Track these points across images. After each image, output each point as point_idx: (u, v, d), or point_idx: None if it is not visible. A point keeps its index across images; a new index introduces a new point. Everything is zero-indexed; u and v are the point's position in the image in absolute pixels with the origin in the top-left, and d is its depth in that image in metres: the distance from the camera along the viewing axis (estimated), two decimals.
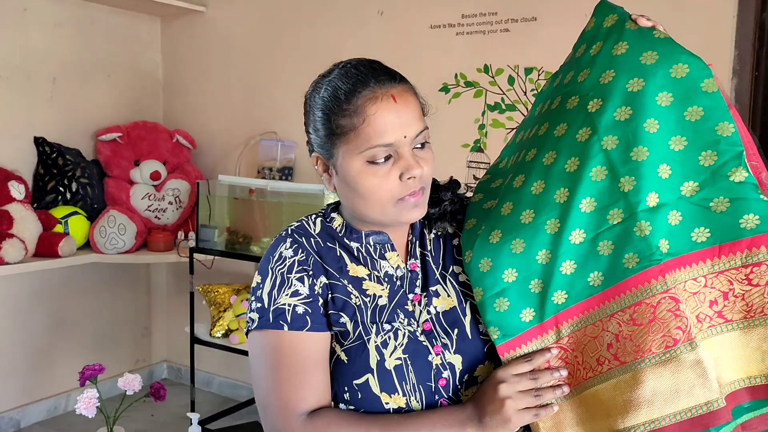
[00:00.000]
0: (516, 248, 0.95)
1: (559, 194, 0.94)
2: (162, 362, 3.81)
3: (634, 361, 0.88)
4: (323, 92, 0.98)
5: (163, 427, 3.16)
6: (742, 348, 0.90)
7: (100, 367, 2.02)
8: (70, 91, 3.25)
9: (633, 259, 0.89)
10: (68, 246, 2.90)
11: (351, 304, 0.98)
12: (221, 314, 2.93)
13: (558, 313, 0.93)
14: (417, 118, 0.96)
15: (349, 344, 0.97)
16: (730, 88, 2.27)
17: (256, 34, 3.34)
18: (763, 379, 0.90)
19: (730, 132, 0.89)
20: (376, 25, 2.96)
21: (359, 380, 0.95)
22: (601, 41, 0.98)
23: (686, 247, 0.90)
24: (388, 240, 1.03)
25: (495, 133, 2.72)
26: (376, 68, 0.96)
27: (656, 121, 0.91)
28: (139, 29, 3.55)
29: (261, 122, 3.33)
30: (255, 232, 3.01)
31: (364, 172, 0.94)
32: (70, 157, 3.10)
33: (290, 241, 1.01)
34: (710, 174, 0.90)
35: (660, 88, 0.91)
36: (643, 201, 0.90)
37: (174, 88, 3.66)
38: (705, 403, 0.86)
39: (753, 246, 0.87)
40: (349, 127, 0.93)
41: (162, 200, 3.30)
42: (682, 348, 0.86)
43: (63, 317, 3.30)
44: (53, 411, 3.27)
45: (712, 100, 0.90)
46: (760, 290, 0.88)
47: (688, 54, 0.92)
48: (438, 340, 0.98)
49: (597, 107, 0.94)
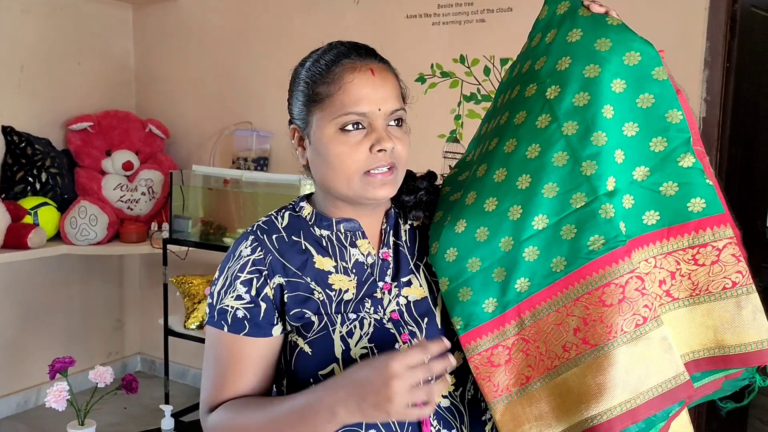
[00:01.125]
0: (480, 236, 0.96)
1: (521, 180, 0.95)
2: (136, 355, 3.77)
3: (606, 343, 0.88)
4: (307, 64, 1.00)
5: (136, 419, 3.13)
6: (687, 324, 0.94)
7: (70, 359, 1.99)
8: (39, 79, 3.18)
9: (599, 241, 0.90)
10: (38, 237, 2.85)
11: (314, 299, 0.98)
12: (195, 306, 2.91)
13: (520, 302, 0.94)
14: (394, 96, 0.97)
15: (313, 336, 0.96)
16: (702, 80, 2.30)
17: (230, 23, 3.30)
18: (705, 352, 0.94)
19: (678, 119, 0.93)
20: (353, 14, 2.94)
21: (324, 371, 0.95)
22: (555, 29, 0.99)
23: (639, 229, 0.93)
24: (359, 227, 1.02)
25: (471, 124, 2.73)
26: (360, 46, 0.99)
27: (612, 107, 0.93)
28: (110, 16, 3.49)
29: (235, 112, 3.30)
30: (230, 223, 2.99)
31: (335, 140, 0.95)
32: (39, 147, 3.04)
33: (251, 239, 1.01)
34: (660, 159, 0.93)
35: (614, 74, 0.93)
36: (604, 185, 0.91)
37: (146, 76, 3.61)
38: (673, 377, 0.88)
39: (699, 228, 0.92)
40: (326, 94, 0.95)
41: (135, 191, 3.25)
42: (651, 325, 0.88)
43: (33, 310, 3.25)
44: (23, 405, 3.22)
45: (662, 87, 0.93)
46: (705, 269, 0.92)
47: (641, 41, 0.94)
48: (405, 329, 0.98)
49: (555, 94, 0.95)
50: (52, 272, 3.28)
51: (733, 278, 0.92)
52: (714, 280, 0.92)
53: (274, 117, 3.15)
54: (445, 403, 0.99)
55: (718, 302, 0.93)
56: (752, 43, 2.52)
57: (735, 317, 0.92)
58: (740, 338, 0.92)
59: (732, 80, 2.33)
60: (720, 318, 0.93)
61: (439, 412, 0.99)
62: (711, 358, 0.94)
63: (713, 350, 0.94)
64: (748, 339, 0.91)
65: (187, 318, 2.91)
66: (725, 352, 0.93)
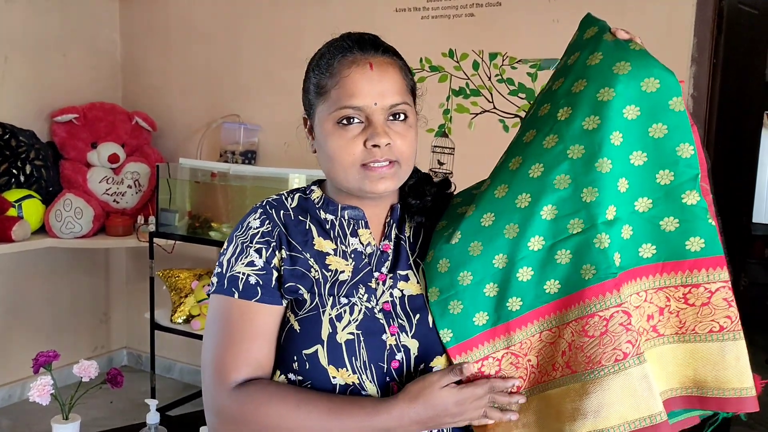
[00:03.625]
0: (473, 250, 0.95)
1: (521, 199, 0.94)
2: (122, 349, 3.74)
3: (585, 372, 0.89)
4: (317, 54, 1.02)
5: (122, 414, 3.12)
6: (670, 361, 0.93)
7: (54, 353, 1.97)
8: (23, 71, 3.14)
9: (590, 271, 0.89)
10: (22, 230, 2.82)
11: (309, 277, 0.99)
12: (182, 300, 2.89)
13: (511, 320, 0.93)
14: (395, 90, 0.96)
15: (304, 314, 0.97)
16: (689, 76, 2.31)
17: (217, 14, 3.28)
18: (683, 390, 0.94)
19: (689, 154, 0.91)
20: (341, 7, 2.92)
21: (308, 350, 0.95)
22: (579, 51, 0.98)
23: (634, 261, 0.92)
24: (362, 216, 1.03)
25: (459, 118, 2.73)
26: (366, 39, 0.99)
27: (621, 134, 0.91)
28: (95, 7, 3.45)
29: (223, 105, 3.27)
30: (217, 217, 2.97)
31: (333, 134, 0.96)
32: (23, 139, 3.01)
33: (260, 212, 1.03)
34: (665, 193, 0.91)
35: (628, 100, 0.91)
36: (603, 213, 0.90)
37: (133, 68, 3.57)
38: (648, 416, 0.87)
39: (694, 268, 0.91)
40: (326, 87, 0.96)
41: (121, 184, 3.22)
42: (631, 362, 0.87)
43: (17, 304, 3.22)
44: (7, 399, 3.19)
45: (678, 119, 0.91)
46: (694, 310, 0.91)
47: (661, 68, 0.91)
48: (395, 321, 0.98)
49: (566, 116, 0.94)
50: (37, 265, 3.24)
51: (722, 322, 0.91)
52: (702, 322, 0.91)
53: (262, 110, 3.13)
54: None
55: (703, 344, 0.92)
56: (739, 39, 2.53)
57: (718, 361, 0.91)
58: (720, 383, 0.91)
59: (719, 76, 2.35)
60: (702, 360, 0.92)
61: None
62: (688, 397, 0.94)
63: (691, 389, 0.94)
64: (728, 385, 0.91)
65: (173, 312, 2.89)
66: (703, 393, 0.93)
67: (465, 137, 2.71)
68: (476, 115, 2.70)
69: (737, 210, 2.96)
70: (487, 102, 2.67)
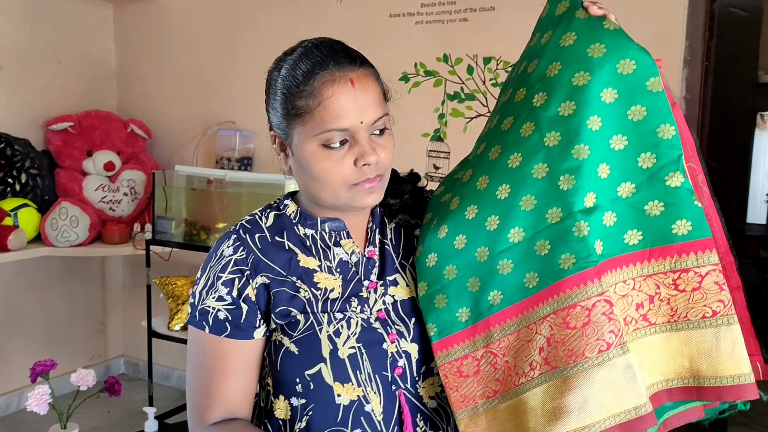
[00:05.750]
0: (458, 244, 0.94)
1: (501, 190, 0.92)
2: (119, 357, 3.73)
3: (566, 366, 0.85)
4: (283, 71, 0.95)
5: (120, 422, 3.10)
6: (663, 351, 0.90)
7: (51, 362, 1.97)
8: (18, 79, 3.13)
9: (569, 260, 0.86)
10: (18, 239, 2.81)
11: (300, 297, 0.96)
12: (180, 307, 2.88)
13: (490, 315, 0.91)
14: (376, 103, 0.93)
15: (300, 335, 0.95)
16: (681, 78, 2.32)
17: (212, 21, 3.28)
18: (679, 381, 0.90)
19: (670, 135, 0.88)
20: (336, 13, 2.93)
21: (311, 370, 0.94)
22: (552, 29, 0.94)
23: (619, 248, 0.89)
24: (343, 227, 1.01)
25: (455, 123, 2.74)
26: (338, 50, 0.94)
27: (599, 118, 0.88)
28: (89, 15, 3.45)
29: (218, 111, 3.28)
30: (213, 223, 2.97)
31: (318, 155, 0.92)
32: (18, 148, 3.00)
33: (234, 239, 1.00)
34: (648, 177, 0.88)
35: (605, 83, 0.88)
36: (581, 201, 0.88)
37: (128, 76, 3.57)
38: (634, 408, 0.84)
39: (683, 252, 0.88)
40: (305, 108, 0.92)
41: (116, 191, 3.22)
42: (615, 352, 0.84)
43: (14, 313, 3.20)
44: (5, 409, 3.18)
45: (656, 100, 0.88)
46: (685, 296, 0.88)
47: (637, 48, 0.89)
48: (392, 328, 0.97)
49: (542, 101, 0.91)
50: (33, 274, 3.23)
51: (714, 307, 0.87)
52: (694, 308, 0.88)
53: (258, 116, 3.11)
54: (432, 404, 0.99)
55: (697, 331, 0.88)
56: (730, 41, 2.55)
57: (713, 348, 0.87)
58: (716, 371, 0.87)
59: (711, 78, 2.36)
60: (697, 347, 0.88)
61: (426, 414, 0.99)
62: (685, 388, 0.90)
63: (687, 380, 0.90)
64: (725, 372, 0.87)
65: (170, 319, 2.89)
66: (700, 383, 0.89)
67: (460, 141, 2.72)
68: (471, 119, 2.70)
69: (731, 210, 2.98)
70: (482, 106, 2.68)
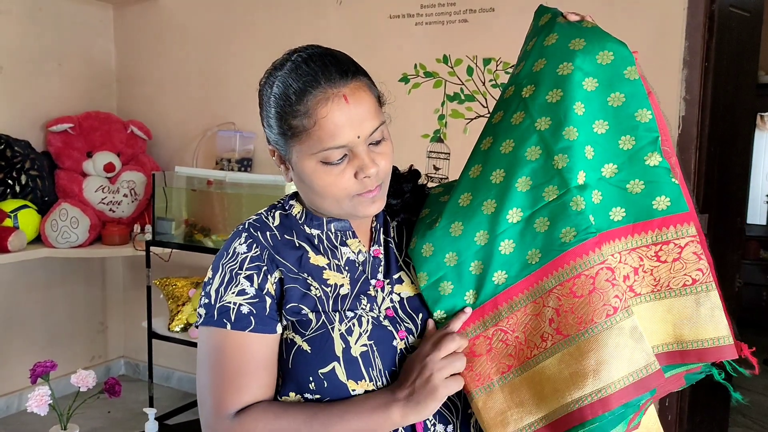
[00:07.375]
0: (455, 231, 0.98)
1: (495, 175, 0.97)
2: (119, 358, 3.73)
3: (578, 333, 0.90)
4: (275, 89, 0.95)
5: (120, 423, 3.11)
6: (649, 320, 0.96)
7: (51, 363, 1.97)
8: (19, 81, 3.14)
9: (570, 233, 0.92)
10: (18, 240, 2.81)
11: (311, 296, 0.97)
12: (180, 308, 2.89)
13: (497, 294, 0.96)
14: (371, 115, 0.93)
15: (312, 334, 0.96)
16: (681, 79, 2.32)
17: (212, 23, 3.29)
18: (664, 347, 0.97)
19: (647, 119, 0.95)
20: (335, 14, 2.93)
21: (325, 369, 0.94)
22: (536, 37, 1.03)
23: (605, 225, 0.95)
24: (349, 227, 1.03)
25: (454, 124, 2.74)
26: (328, 64, 0.93)
27: (582, 104, 0.95)
28: (90, 17, 3.45)
29: (218, 113, 3.28)
30: (214, 224, 2.98)
31: (319, 171, 0.93)
32: (18, 149, 3.00)
33: (245, 236, 1.00)
34: (628, 157, 0.95)
35: (586, 73, 0.96)
36: (575, 178, 0.94)
37: (128, 77, 3.58)
38: (644, 366, 0.89)
39: (663, 226, 0.95)
40: (301, 128, 0.92)
41: (117, 193, 3.22)
42: (621, 315, 0.89)
43: (14, 314, 3.21)
44: (5, 410, 3.18)
45: (633, 87, 0.96)
46: (667, 266, 0.95)
47: (614, 41, 0.96)
48: (402, 325, 0.99)
49: (530, 92, 0.98)
50: (34, 276, 3.24)
51: (694, 275, 0.94)
52: (675, 277, 0.95)
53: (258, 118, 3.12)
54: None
55: (678, 299, 0.95)
56: (730, 41, 2.55)
57: (693, 314, 0.94)
58: (697, 334, 0.94)
59: (710, 79, 2.36)
60: (679, 314, 0.95)
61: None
62: (669, 353, 0.96)
63: (672, 345, 0.96)
64: (705, 335, 0.94)
65: (171, 320, 2.89)
66: (683, 347, 0.95)
67: (460, 142, 2.72)
68: (471, 120, 2.71)
69: (731, 211, 2.98)
70: (481, 107, 2.68)
